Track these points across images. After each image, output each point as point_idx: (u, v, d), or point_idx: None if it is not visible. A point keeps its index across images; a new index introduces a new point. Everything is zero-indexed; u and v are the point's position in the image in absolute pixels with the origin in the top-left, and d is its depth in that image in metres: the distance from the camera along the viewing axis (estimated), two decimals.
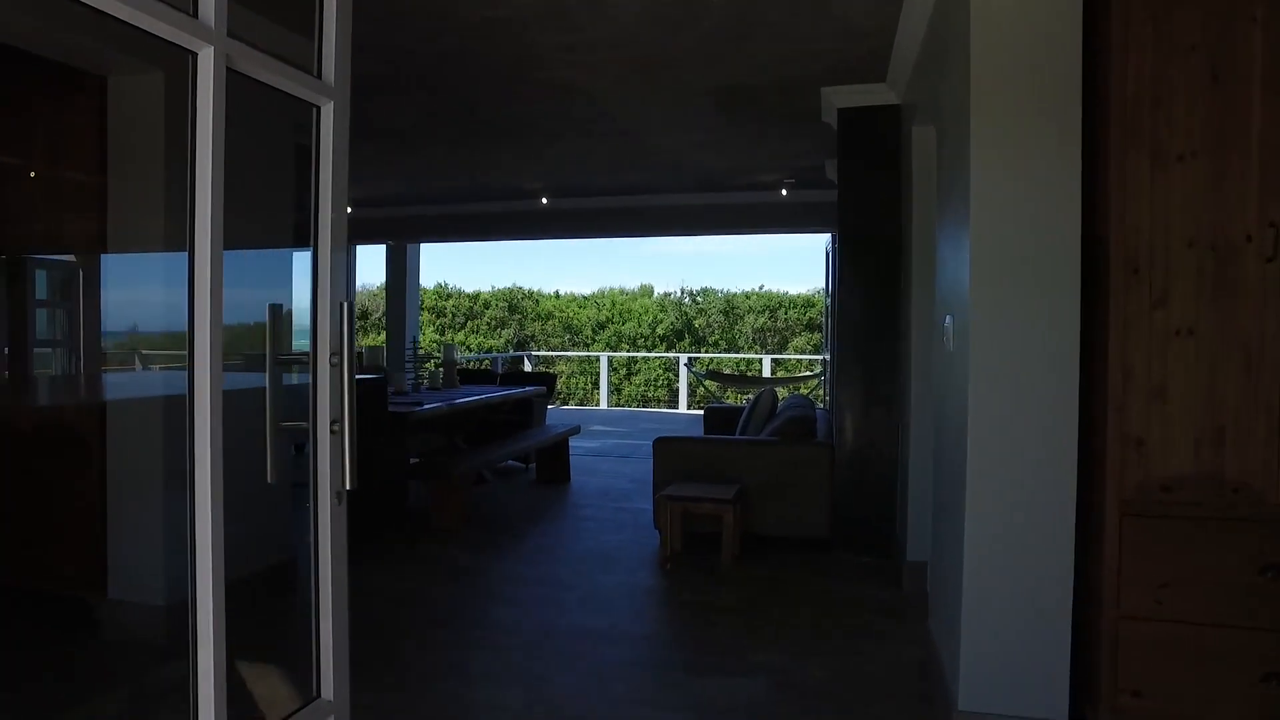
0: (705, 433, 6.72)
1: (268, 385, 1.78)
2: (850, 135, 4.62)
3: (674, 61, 4.21)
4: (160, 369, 4.55)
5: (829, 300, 8.25)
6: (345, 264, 1.89)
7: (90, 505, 3.50)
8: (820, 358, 12.91)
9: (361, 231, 9.47)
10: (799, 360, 15.85)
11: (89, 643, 3.43)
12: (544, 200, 8.43)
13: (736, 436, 5.07)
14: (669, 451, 4.85)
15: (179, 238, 1.49)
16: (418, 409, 5.29)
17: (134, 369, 4.65)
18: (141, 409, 3.72)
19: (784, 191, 7.66)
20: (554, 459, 6.99)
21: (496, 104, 5.05)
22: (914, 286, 3.94)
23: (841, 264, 4.60)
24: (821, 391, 13.66)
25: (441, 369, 7.14)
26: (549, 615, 3.70)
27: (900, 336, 4.35)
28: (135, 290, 4.37)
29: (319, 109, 1.81)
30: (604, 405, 14.91)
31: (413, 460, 6.89)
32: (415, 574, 4.29)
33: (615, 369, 16.82)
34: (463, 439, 7.02)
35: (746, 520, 4.62)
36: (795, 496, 4.61)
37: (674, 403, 15.19)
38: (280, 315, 1.81)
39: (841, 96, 4.57)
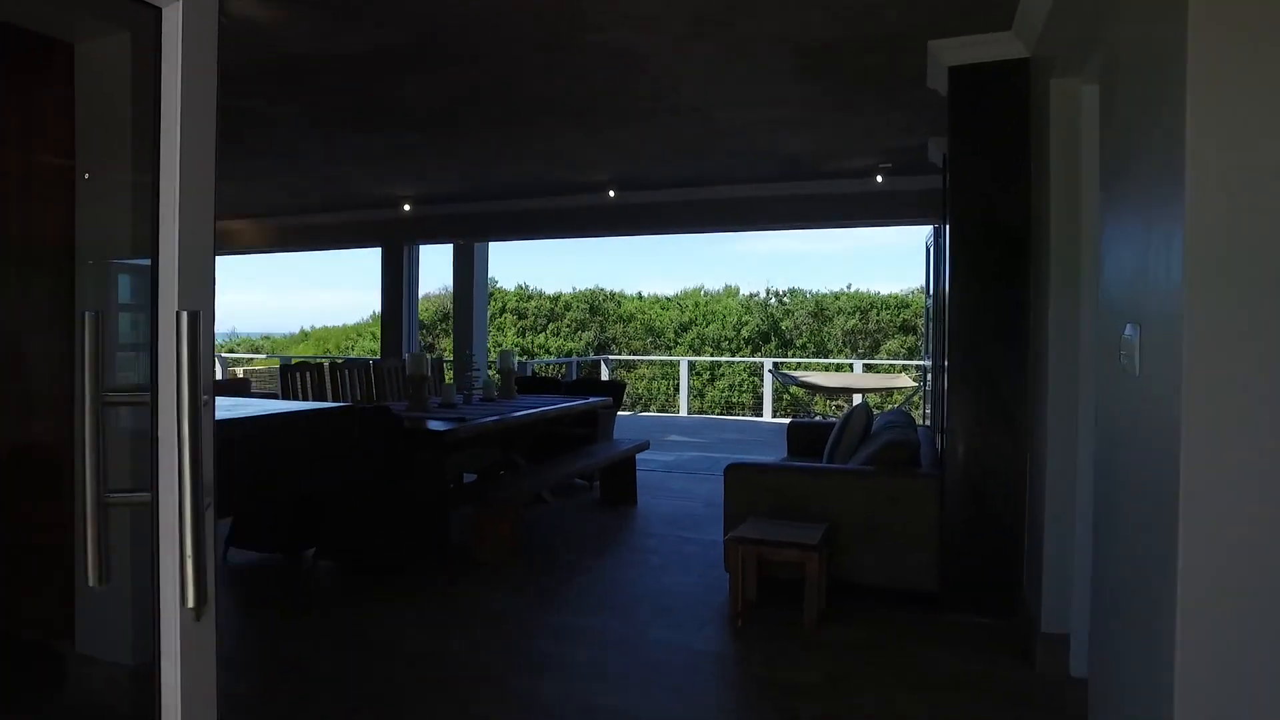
0: (788, 451, 5.93)
1: (86, 438, 1.15)
2: (965, 99, 3.77)
3: (747, 9, 3.47)
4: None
5: (929, 300, 7.32)
6: (204, 258, 1.24)
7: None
8: (921, 363, 11.86)
9: (425, 230, 9.06)
10: (892, 365, 14.76)
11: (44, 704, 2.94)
12: (611, 194, 7.79)
13: (823, 464, 4.28)
14: (743, 481, 4.11)
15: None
16: (458, 426, 4.71)
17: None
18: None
19: (879, 178, 6.78)
20: (619, 478, 6.33)
21: (540, 76, 4.41)
22: (1053, 284, 3.09)
23: (953, 258, 3.76)
24: (919, 399, 12.59)
25: (499, 377, 6.59)
26: (588, 689, 3.01)
27: (1030, 345, 3.49)
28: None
29: (159, 11, 1.17)
30: (683, 412, 14.19)
31: (468, 478, 6.37)
32: (441, 622, 3.69)
33: (698, 373, 16.10)
34: (522, 454, 6.45)
35: (835, 566, 3.83)
36: (895, 539, 3.80)
37: (759, 410, 14.35)
38: (101, 330, 1.18)
39: (953, 51, 3.73)
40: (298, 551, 4.67)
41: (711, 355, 16.69)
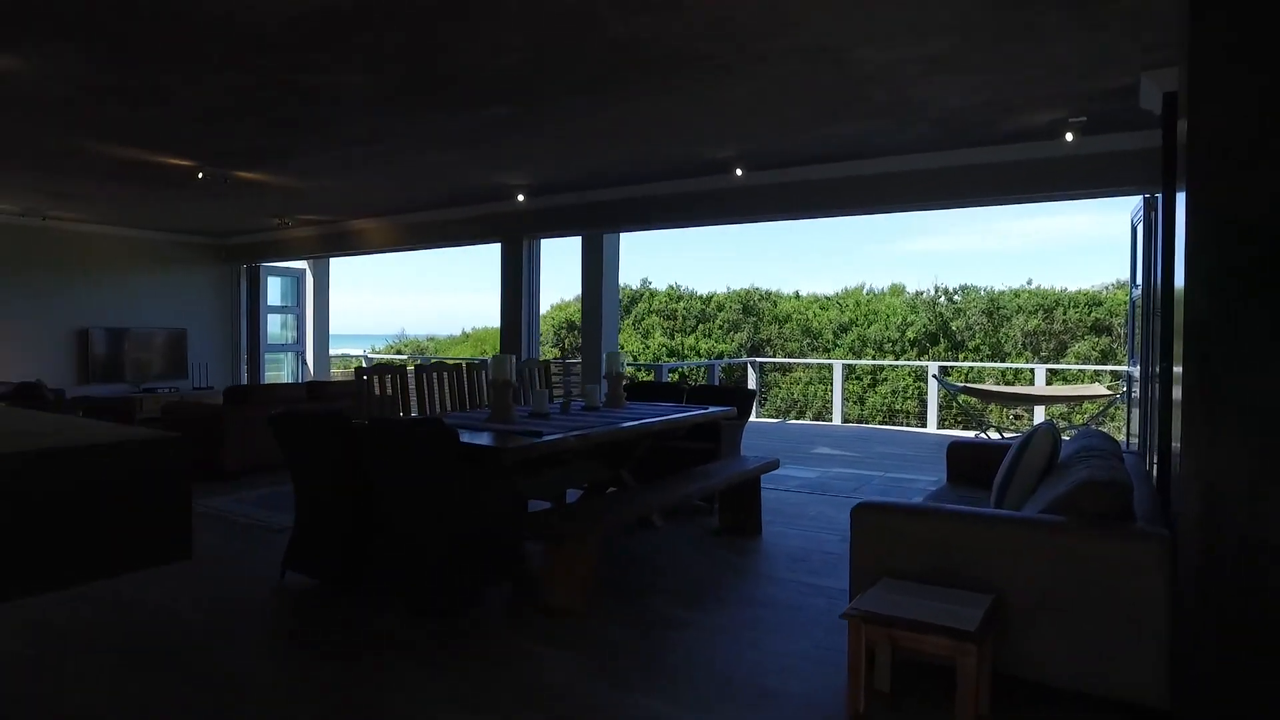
0: (947, 478, 4.74)
1: None
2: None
3: None
4: None
5: (1135, 292, 5.83)
6: None
7: None
8: (1123, 369, 10.03)
9: (543, 222, 8.45)
10: (1082, 371, 12.78)
11: None
12: (738, 172, 6.82)
13: (991, 510, 3.12)
14: (876, 527, 3.06)
15: None
16: (530, 442, 3.94)
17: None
18: None
19: (1069, 136, 5.40)
20: (740, 502, 5.37)
21: (616, 17, 3.56)
22: None
23: (1188, 239, 2.52)
24: (1116, 410, 10.66)
25: (604, 383, 5.81)
26: None
27: None
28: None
29: None
30: (837, 420, 12.92)
31: (574, 495, 5.63)
32: (467, 700, 2.91)
33: (857, 378, 14.73)
34: (631, 471, 5.64)
35: (1004, 654, 2.72)
36: (1097, 624, 2.63)
37: (924, 419, 12.82)
38: None
39: None
40: (348, 584, 4.08)
41: (873, 358, 15.25)
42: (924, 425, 12.41)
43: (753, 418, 12.88)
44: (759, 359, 14.81)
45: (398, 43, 3.96)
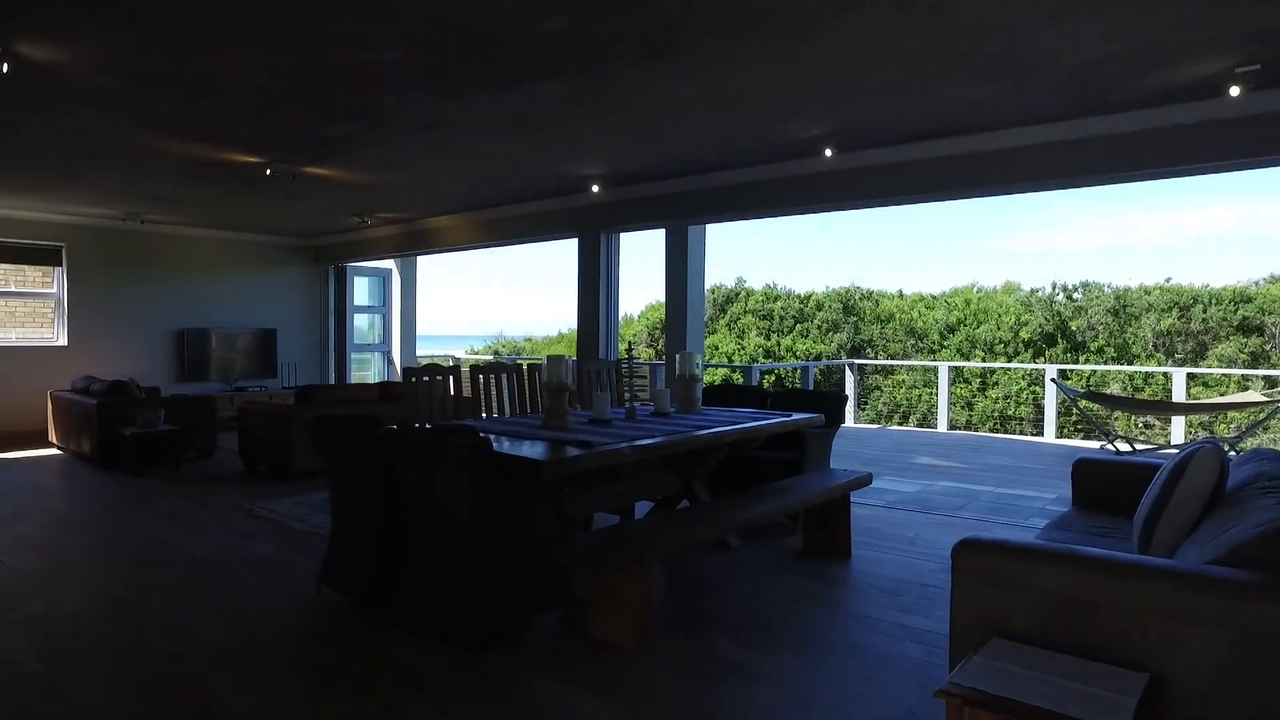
0: (1072, 503, 3.98)
1: None
2: None
3: None
4: None
5: None
6: None
7: None
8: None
9: (619, 214, 7.98)
10: (1226, 375, 11.39)
11: None
12: (828, 153, 6.16)
13: (1141, 558, 2.40)
14: (984, 574, 2.41)
15: None
16: (575, 454, 3.46)
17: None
18: None
19: (1234, 91, 4.49)
20: (827, 522, 4.75)
21: None
22: None
23: None
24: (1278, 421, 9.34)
25: (675, 385, 5.29)
26: None
27: None
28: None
29: None
30: (942, 427, 11.95)
31: (644, 507, 5.14)
32: None
33: (965, 381, 13.67)
34: (704, 482, 5.10)
35: None
36: None
37: (1039, 426, 11.71)
38: None
39: None
40: (378, 605, 3.70)
41: (982, 360, 14.13)
42: (1040, 433, 11.30)
43: (850, 423, 12.05)
44: (858, 360, 13.94)
45: (430, 5, 3.55)
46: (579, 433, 4.05)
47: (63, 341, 9.95)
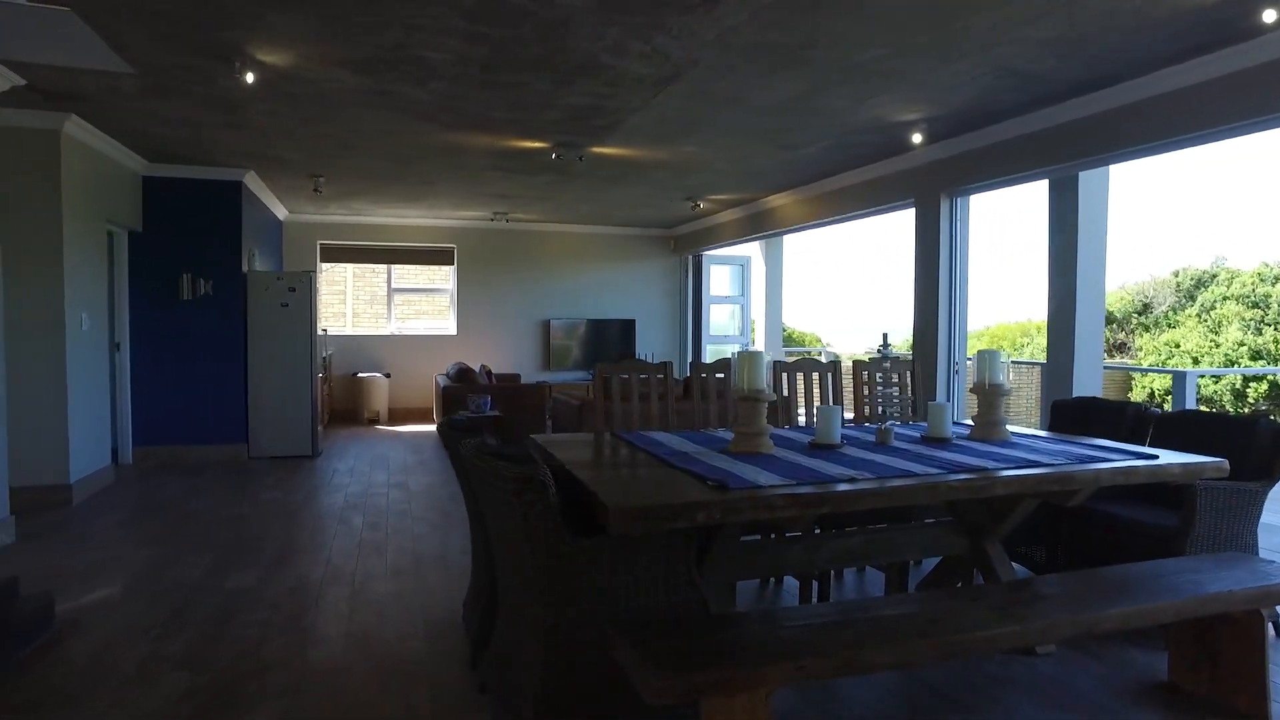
0: None
1: None
2: None
3: None
4: None
5: None
6: None
7: None
8: None
9: (965, 169, 6.10)
10: None
11: None
12: None
13: None
14: None
15: None
16: (706, 496, 2.27)
17: None
18: None
19: None
20: (1219, 649, 2.77)
21: None
22: None
23: None
24: None
25: (980, 398, 3.61)
26: None
27: None
28: None
29: None
30: None
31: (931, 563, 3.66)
32: None
33: None
34: (1001, 538, 3.41)
35: None
36: None
37: None
38: None
39: None
40: (475, 660, 2.93)
41: None
42: None
43: None
44: None
45: None
46: (755, 463, 2.80)
47: (453, 331, 11.15)
